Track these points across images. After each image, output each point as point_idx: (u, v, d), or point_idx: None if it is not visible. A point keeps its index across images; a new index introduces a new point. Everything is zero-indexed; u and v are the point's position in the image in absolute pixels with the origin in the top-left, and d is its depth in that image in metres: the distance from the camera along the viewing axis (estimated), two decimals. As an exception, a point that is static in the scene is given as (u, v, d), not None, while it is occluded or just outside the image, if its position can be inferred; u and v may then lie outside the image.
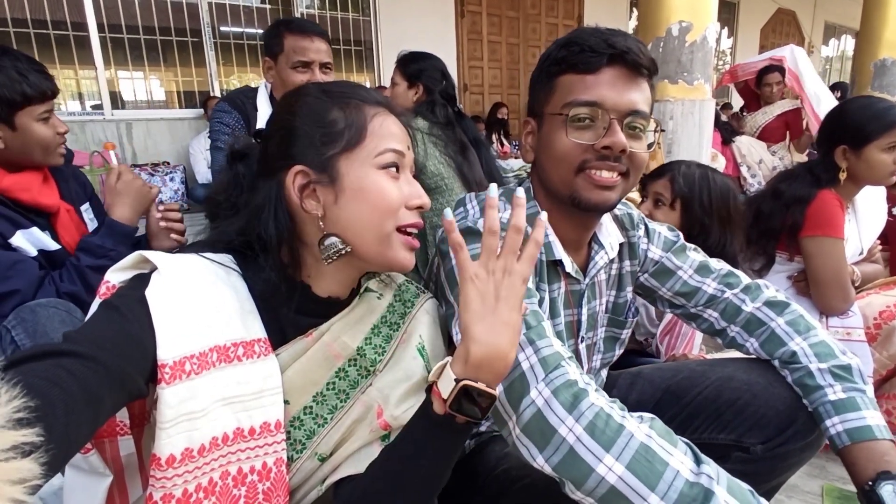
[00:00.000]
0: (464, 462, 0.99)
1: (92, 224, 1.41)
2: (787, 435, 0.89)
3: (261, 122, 1.64)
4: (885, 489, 0.73)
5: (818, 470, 1.48)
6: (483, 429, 0.98)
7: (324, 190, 0.73)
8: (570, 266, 0.92)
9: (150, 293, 0.64)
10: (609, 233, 0.98)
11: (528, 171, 0.97)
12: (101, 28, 4.58)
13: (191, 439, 0.62)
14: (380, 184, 0.72)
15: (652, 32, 2.86)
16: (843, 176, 1.55)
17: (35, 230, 1.24)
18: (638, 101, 0.82)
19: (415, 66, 2.10)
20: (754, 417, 0.91)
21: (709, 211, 1.39)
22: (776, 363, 0.94)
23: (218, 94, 5.31)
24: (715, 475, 0.63)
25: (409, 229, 0.75)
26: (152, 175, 4.47)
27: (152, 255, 0.68)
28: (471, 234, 0.84)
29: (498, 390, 0.71)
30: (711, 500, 0.60)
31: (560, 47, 0.85)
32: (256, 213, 0.74)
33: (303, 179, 0.73)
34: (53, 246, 1.27)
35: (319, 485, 0.76)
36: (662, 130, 0.87)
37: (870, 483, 0.75)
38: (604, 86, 0.81)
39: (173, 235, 1.36)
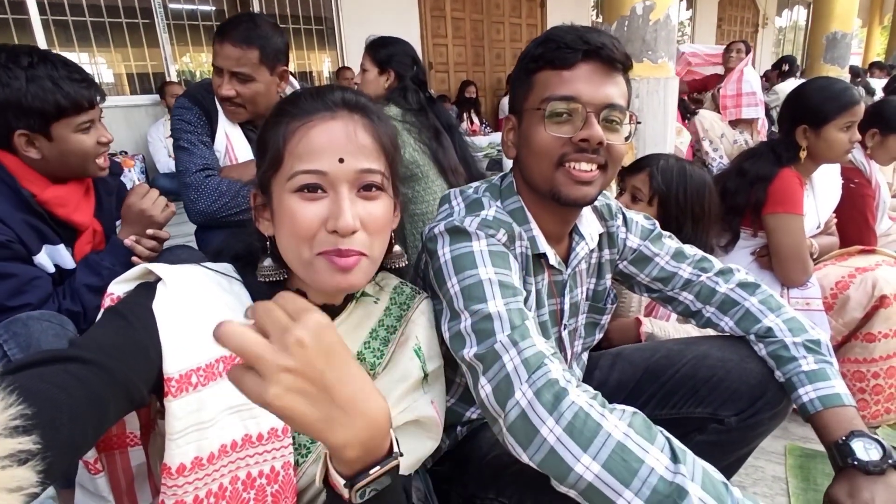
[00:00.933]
0: (456, 448, 1.03)
1: None
2: (758, 406, 0.96)
3: (221, 118, 1.59)
4: (857, 443, 0.82)
5: (781, 431, 1.59)
6: (474, 416, 1.02)
7: (266, 212, 0.75)
8: (553, 259, 0.95)
9: (157, 306, 0.65)
10: (589, 223, 1.01)
11: (498, 149, 1.00)
12: (41, 9, 4.31)
13: (200, 448, 0.64)
14: (290, 208, 0.68)
15: (616, 11, 2.88)
16: (803, 154, 1.63)
17: (61, 247, 1.22)
18: (613, 94, 0.85)
19: (384, 51, 2.05)
20: (728, 392, 0.97)
21: (683, 208, 1.44)
22: (752, 338, 1.00)
23: (174, 76, 5.11)
24: (690, 473, 0.65)
25: (333, 254, 0.68)
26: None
27: (157, 268, 0.69)
28: (458, 233, 0.86)
29: (486, 391, 0.75)
30: (685, 499, 0.63)
31: (537, 45, 0.88)
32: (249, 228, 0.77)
33: (258, 200, 0.76)
34: (71, 265, 1.25)
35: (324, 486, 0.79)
36: (639, 122, 0.90)
37: (843, 438, 0.83)
38: (580, 81, 0.84)
39: (134, 259, 1.27)
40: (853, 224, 1.94)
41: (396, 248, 0.83)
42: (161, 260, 1.34)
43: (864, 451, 0.81)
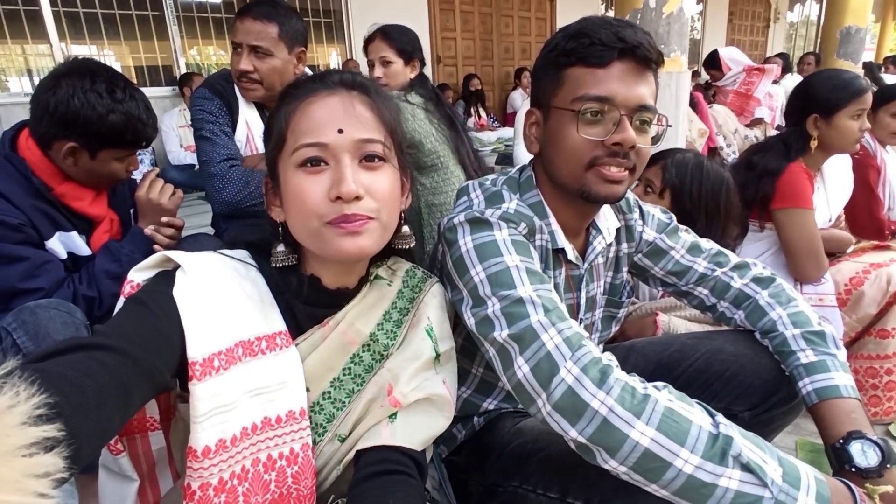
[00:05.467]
0: (473, 439, 1.03)
1: None
2: (772, 402, 0.96)
3: (242, 108, 1.60)
4: (854, 447, 0.80)
5: (792, 426, 1.56)
6: (491, 407, 1.03)
7: (276, 197, 0.76)
8: (571, 254, 0.95)
9: (178, 293, 0.66)
10: (606, 218, 1.01)
11: (506, 144, 0.99)
12: (53, 1, 4.32)
13: (223, 431, 0.65)
14: (296, 184, 0.70)
15: (629, 4, 2.86)
16: (814, 144, 1.62)
17: (74, 234, 1.24)
18: (646, 95, 0.84)
19: (408, 40, 2.01)
20: (741, 387, 0.97)
21: (697, 203, 1.42)
22: (758, 334, 1.00)
23: (183, 69, 5.12)
24: (728, 423, 0.71)
25: (338, 223, 0.69)
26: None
27: (175, 255, 0.71)
28: (479, 222, 0.86)
29: (524, 371, 0.76)
30: (731, 445, 0.68)
31: (569, 38, 0.85)
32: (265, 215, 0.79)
33: (270, 186, 0.77)
34: (86, 252, 1.27)
35: (338, 465, 0.80)
36: (669, 126, 0.89)
37: (840, 441, 0.82)
38: (614, 80, 0.82)
39: (155, 247, 1.30)
40: (861, 204, 1.99)
41: (405, 228, 0.84)
42: (182, 247, 1.37)
43: (862, 455, 0.79)
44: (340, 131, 0.70)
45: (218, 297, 0.69)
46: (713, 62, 3.72)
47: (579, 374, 0.72)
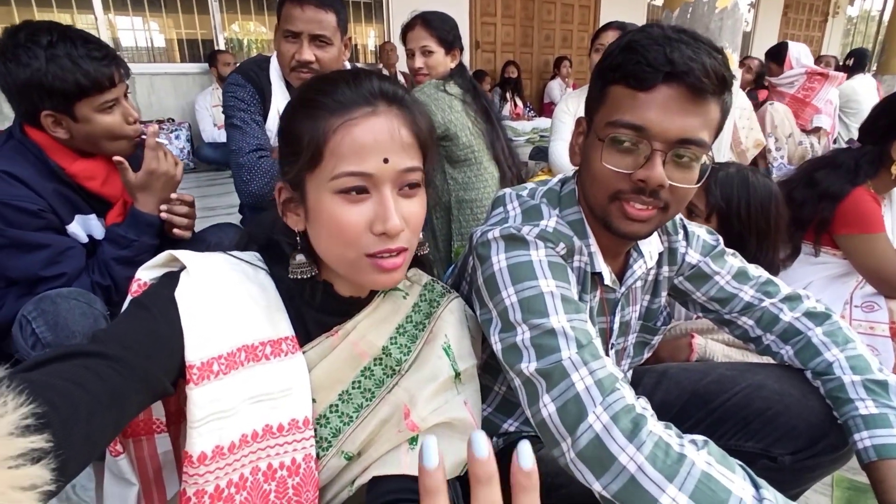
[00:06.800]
0: (491, 461, 0.99)
1: None
2: (818, 448, 0.89)
3: (275, 96, 1.56)
4: None
5: (828, 460, 1.50)
6: (512, 429, 0.98)
7: (298, 208, 0.72)
8: (608, 278, 0.89)
9: (180, 294, 0.65)
10: (650, 241, 0.94)
11: (541, 135, 0.92)
12: (99, -29, 4.39)
13: (221, 437, 0.64)
14: (333, 211, 0.66)
15: (680, -2, 2.73)
16: (895, 169, 1.48)
17: (93, 217, 1.23)
18: (691, 127, 0.73)
19: (447, 27, 1.93)
20: (784, 428, 0.90)
21: (746, 224, 1.32)
22: (809, 374, 0.92)
23: (222, 44, 5.14)
24: (773, 499, 0.62)
25: (379, 254, 0.68)
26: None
27: (182, 255, 0.69)
28: (515, 240, 0.81)
29: (549, 410, 0.70)
30: None
31: (620, 50, 0.77)
32: (276, 217, 0.76)
33: (286, 194, 0.73)
34: (103, 235, 1.26)
35: (349, 485, 0.77)
36: (715, 165, 0.79)
37: None
38: (654, 108, 0.72)
39: (176, 231, 1.27)
40: None
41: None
42: (204, 236, 1.35)
43: None
44: (386, 160, 0.66)
45: (221, 299, 0.68)
46: (777, 55, 3.45)
47: (609, 422, 0.67)
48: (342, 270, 0.71)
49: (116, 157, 1.20)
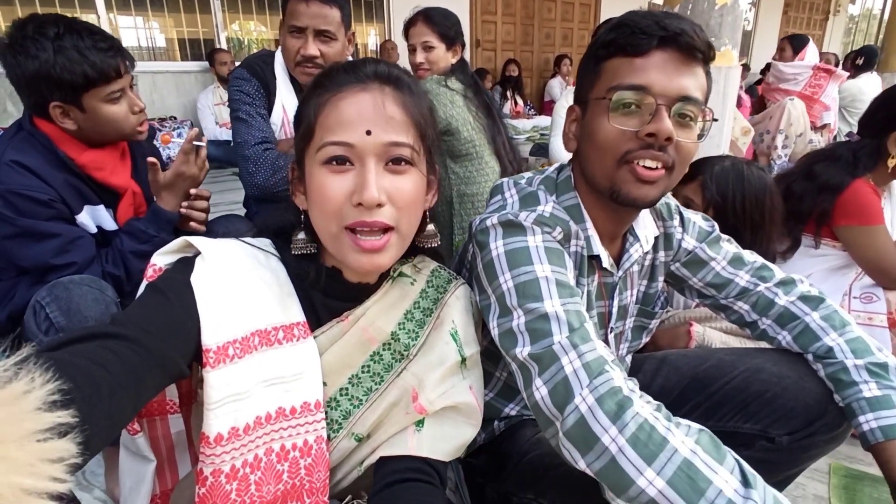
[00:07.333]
0: (493, 443, 1.01)
1: None
2: (815, 428, 0.90)
3: (279, 91, 1.59)
4: None
5: (827, 448, 1.52)
6: (513, 413, 1.00)
7: (301, 185, 0.75)
8: (606, 261, 0.91)
9: (195, 279, 0.67)
10: (645, 225, 0.96)
11: (542, 133, 0.94)
12: (102, -29, 4.41)
13: (236, 419, 0.66)
14: (319, 180, 0.69)
15: (680, -7, 2.74)
16: (892, 163, 1.49)
17: (102, 208, 1.25)
18: (689, 86, 0.77)
19: (449, 23, 1.95)
20: (782, 410, 0.92)
21: (741, 217, 1.34)
22: (809, 357, 0.94)
23: (223, 44, 5.16)
24: (762, 499, 0.61)
25: (356, 227, 0.68)
26: (159, 130, 4.41)
27: (196, 241, 0.71)
28: (512, 226, 0.83)
29: (542, 393, 0.72)
30: None
31: (609, 30, 0.81)
32: (290, 202, 0.79)
33: (294, 174, 0.76)
34: (112, 226, 1.28)
35: (359, 465, 0.79)
36: (715, 120, 0.82)
37: None
38: (653, 69, 0.77)
39: (192, 224, 1.31)
40: None
41: (430, 227, 0.81)
42: (213, 227, 1.37)
43: None
44: (368, 133, 0.67)
45: (235, 285, 0.69)
46: (799, 42, 3.47)
47: (594, 403, 0.68)
48: (331, 248, 0.73)
49: (150, 158, 1.24)
